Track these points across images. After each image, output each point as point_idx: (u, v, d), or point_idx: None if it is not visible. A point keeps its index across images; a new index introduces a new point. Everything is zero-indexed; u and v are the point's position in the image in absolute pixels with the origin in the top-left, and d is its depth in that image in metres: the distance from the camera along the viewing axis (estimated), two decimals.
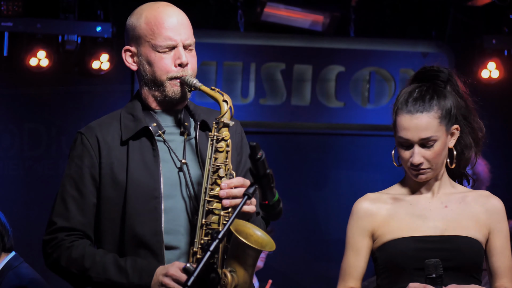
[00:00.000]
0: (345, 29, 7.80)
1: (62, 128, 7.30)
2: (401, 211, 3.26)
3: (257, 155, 2.82)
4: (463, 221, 3.24)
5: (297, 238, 7.64)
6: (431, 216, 3.24)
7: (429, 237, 3.19)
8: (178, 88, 3.15)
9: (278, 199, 2.98)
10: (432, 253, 3.14)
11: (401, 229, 3.22)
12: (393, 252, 3.19)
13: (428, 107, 3.21)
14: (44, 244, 3.14)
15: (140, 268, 3.00)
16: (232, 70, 7.67)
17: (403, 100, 3.23)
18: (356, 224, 3.33)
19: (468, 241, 3.20)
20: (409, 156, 3.19)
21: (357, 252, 3.30)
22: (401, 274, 3.17)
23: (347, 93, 7.86)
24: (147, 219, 3.06)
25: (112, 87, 7.42)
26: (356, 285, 3.29)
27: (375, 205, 3.29)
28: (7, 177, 7.33)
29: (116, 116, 3.22)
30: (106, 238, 3.12)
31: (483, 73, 7.71)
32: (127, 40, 3.23)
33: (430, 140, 3.19)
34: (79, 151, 3.16)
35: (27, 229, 7.10)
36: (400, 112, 3.21)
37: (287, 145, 7.88)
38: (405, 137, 3.19)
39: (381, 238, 3.24)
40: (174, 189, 3.12)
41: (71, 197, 3.13)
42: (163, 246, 3.06)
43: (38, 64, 7.04)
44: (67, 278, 3.13)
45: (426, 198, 3.28)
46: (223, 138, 3.08)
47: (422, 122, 3.19)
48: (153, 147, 3.12)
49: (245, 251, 2.94)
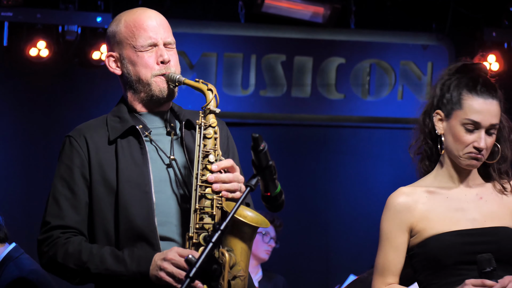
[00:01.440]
0: (345, 21, 7.79)
1: (62, 118, 7.30)
2: (438, 205, 3.23)
3: (259, 147, 2.82)
4: (499, 211, 3.24)
5: (297, 229, 7.64)
6: (469, 209, 3.23)
7: (471, 230, 3.18)
8: (165, 86, 3.18)
9: (280, 190, 2.99)
10: (475, 246, 3.14)
11: (442, 223, 3.19)
12: (436, 247, 3.16)
13: (497, 95, 3.23)
14: (39, 244, 3.16)
15: (138, 256, 3.02)
16: (232, 62, 7.66)
17: (472, 84, 3.23)
18: (394, 219, 3.25)
19: (507, 232, 3.20)
20: (472, 140, 3.17)
21: (396, 248, 3.24)
22: (445, 269, 3.15)
23: (348, 85, 7.86)
24: (140, 212, 3.08)
25: (112, 78, 7.38)
26: (395, 281, 3.25)
27: (412, 199, 3.25)
28: (7, 168, 7.32)
29: (103, 120, 3.25)
30: (99, 236, 3.13)
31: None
32: (109, 46, 3.27)
33: (495, 128, 3.21)
34: (68, 152, 3.19)
35: (27, 221, 7.12)
36: (470, 96, 3.20)
37: (287, 137, 7.88)
38: (476, 120, 3.17)
39: (422, 233, 3.21)
40: (164, 184, 3.14)
41: (63, 197, 3.15)
42: (158, 237, 3.07)
43: (38, 55, 7.04)
44: (64, 275, 3.14)
45: (461, 190, 3.27)
46: (210, 124, 3.11)
47: (494, 108, 3.20)
48: (141, 146, 3.15)
49: (241, 229, 2.97)
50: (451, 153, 3.24)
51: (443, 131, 3.25)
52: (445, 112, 3.25)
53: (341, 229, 7.88)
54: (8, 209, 7.06)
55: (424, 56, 7.93)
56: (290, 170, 7.67)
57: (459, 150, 3.20)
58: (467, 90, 3.23)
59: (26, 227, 7.05)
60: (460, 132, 3.20)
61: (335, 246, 7.88)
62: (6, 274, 4.61)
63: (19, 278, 4.60)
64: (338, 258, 7.73)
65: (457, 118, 3.21)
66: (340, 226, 7.89)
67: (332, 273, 7.71)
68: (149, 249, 3.05)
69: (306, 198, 7.80)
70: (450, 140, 3.23)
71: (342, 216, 7.91)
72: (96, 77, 7.43)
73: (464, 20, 7.88)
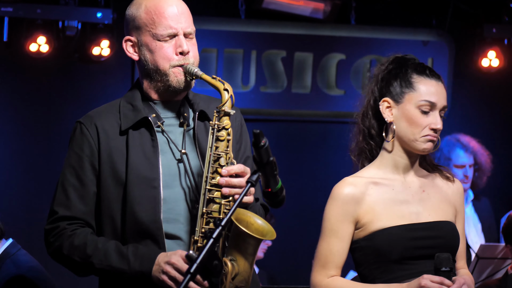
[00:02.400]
0: (346, 17, 7.79)
1: (62, 114, 7.29)
2: (384, 197, 3.18)
3: (260, 143, 2.83)
4: (440, 205, 3.22)
5: (297, 225, 7.65)
6: (413, 202, 3.20)
7: (417, 225, 3.15)
8: (182, 78, 3.14)
9: (281, 186, 2.99)
10: (421, 241, 3.12)
11: (388, 217, 3.15)
12: (383, 241, 3.12)
13: (442, 79, 3.22)
14: (46, 233, 3.14)
15: (142, 255, 3.00)
16: (232, 57, 7.66)
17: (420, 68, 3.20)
18: (339, 210, 3.18)
19: (450, 226, 3.19)
20: (429, 122, 3.14)
21: (341, 240, 3.16)
22: (391, 264, 3.12)
23: (348, 81, 7.86)
24: (147, 207, 3.07)
25: (112, 74, 7.42)
26: (337, 273, 3.18)
27: (359, 190, 3.19)
28: (7, 162, 7.32)
29: (115, 105, 3.21)
30: (106, 227, 3.12)
31: (483, 62, 7.72)
32: (127, 30, 3.22)
33: (445, 110, 3.19)
34: (78, 140, 3.16)
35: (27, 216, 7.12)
36: (421, 78, 3.18)
37: (288, 133, 7.88)
38: (432, 101, 3.15)
39: (368, 226, 3.16)
40: (173, 179, 3.12)
41: (72, 186, 3.13)
42: (163, 234, 3.06)
43: (38, 50, 7.02)
44: (69, 266, 3.14)
45: (406, 182, 3.23)
46: (224, 126, 3.07)
47: (444, 91, 3.20)
48: (152, 138, 3.12)
49: (246, 240, 2.94)
50: (404, 138, 3.18)
51: (393, 118, 3.19)
52: (394, 98, 3.18)
53: None
54: (8, 204, 7.07)
55: (424, 52, 7.93)
56: (290, 166, 7.66)
57: (416, 134, 3.15)
58: (417, 74, 3.18)
59: (25, 222, 7.06)
60: (416, 114, 3.15)
61: None
62: (3, 271, 4.56)
63: (17, 276, 4.57)
64: None
65: (411, 101, 3.16)
66: None
67: None
68: (154, 246, 3.04)
69: (306, 194, 7.80)
70: (403, 126, 3.17)
71: None
72: (96, 73, 7.43)
73: (464, 16, 7.88)
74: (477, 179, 6.53)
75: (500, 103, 8.01)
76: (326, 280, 3.17)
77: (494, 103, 8.08)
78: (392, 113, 3.20)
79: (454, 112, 7.75)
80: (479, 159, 6.54)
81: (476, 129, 7.57)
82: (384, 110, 3.21)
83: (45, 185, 6.86)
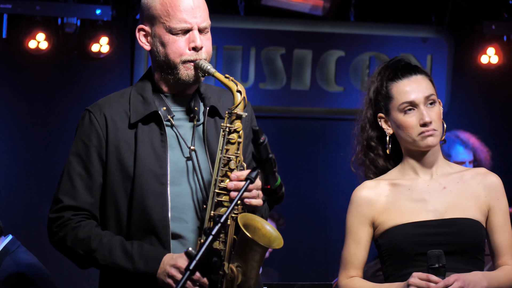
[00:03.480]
0: (345, 14, 7.78)
1: (61, 111, 7.29)
2: (400, 197, 3.26)
3: (259, 139, 2.82)
4: (462, 201, 3.24)
5: (297, 222, 7.64)
6: (431, 200, 3.24)
7: (429, 222, 3.19)
8: (192, 72, 3.10)
9: (280, 183, 2.98)
10: (433, 238, 3.15)
11: (401, 215, 3.21)
12: (395, 239, 3.19)
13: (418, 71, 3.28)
14: (49, 222, 3.10)
15: (147, 255, 2.98)
16: (232, 54, 7.65)
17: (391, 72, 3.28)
18: (355, 213, 3.32)
19: (468, 223, 3.20)
20: (417, 120, 3.21)
21: (358, 241, 3.29)
22: (404, 260, 3.17)
23: (347, 78, 7.85)
24: (155, 204, 3.04)
25: (111, 71, 7.41)
26: (357, 274, 3.28)
27: (374, 192, 3.29)
28: (6, 160, 7.32)
29: (126, 95, 3.17)
30: (111, 220, 3.10)
31: (483, 59, 7.72)
32: (141, 19, 3.17)
33: (431, 98, 3.24)
34: (86, 129, 3.12)
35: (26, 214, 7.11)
36: (394, 82, 3.26)
37: (287, 129, 7.87)
38: (409, 100, 3.22)
39: (382, 225, 3.24)
40: (181, 176, 3.09)
41: (78, 175, 3.09)
42: (169, 233, 3.03)
43: (37, 47, 7.02)
44: (72, 258, 3.10)
45: (424, 181, 3.28)
46: (236, 129, 3.04)
47: (421, 82, 3.25)
48: (162, 132, 3.09)
49: (252, 247, 2.93)
50: (407, 143, 3.26)
51: (392, 130, 3.29)
52: (384, 112, 3.29)
53: (340, 221, 7.82)
54: (8, 201, 7.06)
55: (423, 49, 7.92)
56: (289, 163, 7.66)
57: (412, 135, 3.22)
58: (390, 81, 3.27)
59: (25, 218, 7.05)
60: (402, 118, 3.23)
61: (334, 239, 7.86)
62: (3, 269, 4.54)
63: (16, 273, 4.54)
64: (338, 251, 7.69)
65: (394, 109, 3.25)
66: (339, 219, 7.83)
67: (331, 266, 7.70)
68: (158, 244, 3.01)
69: (305, 191, 7.79)
70: (400, 132, 3.26)
71: (341, 208, 7.85)
72: (95, 70, 7.42)
73: (464, 13, 7.87)
74: None
75: (500, 99, 8.00)
76: (345, 280, 3.30)
77: (494, 99, 8.07)
78: (389, 125, 3.29)
79: (453, 109, 7.75)
80: (479, 155, 6.53)
81: (476, 125, 7.56)
82: (383, 125, 3.31)
83: (44, 182, 6.86)
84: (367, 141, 3.35)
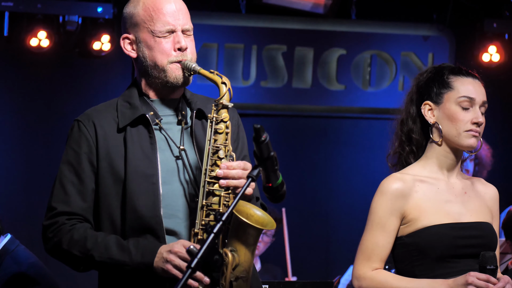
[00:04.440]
0: (346, 12, 7.79)
1: (62, 109, 7.30)
2: (430, 195, 3.24)
3: (261, 138, 2.82)
4: (480, 207, 3.28)
5: (298, 220, 7.65)
6: (456, 202, 3.26)
7: (462, 224, 3.20)
8: (180, 73, 3.14)
9: (281, 181, 2.98)
10: (467, 240, 3.17)
11: (434, 215, 3.20)
12: (430, 239, 3.16)
13: (480, 79, 3.31)
14: (44, 229, 3.13)
15: (143, 247, 3.00)
16: (233, 52, 7.66)
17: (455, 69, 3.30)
18: (387, 204, 3.22)
19: (489, 227, 3.26)
20: (470, 117, 3.22)
21: (388, 233, 3.21)
22: (438, 261, 3.16)
23: (348, 76, 7.86)
24: (147, 202, 3.06)
25: (113, 68, 7.42)
26: (381, 266, 3.22)
27: (407, 186, 3.24)
28: (7, 158, 7.32)
29: (113, 104, 3.21)
30: (105, 224, 3.11)
31: (484, 57, 7.72)
32: (124, 28, 3.22)
33: (486, 106, 3.27)
34: (76, 137, 3.15)
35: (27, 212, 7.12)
36: (458, 77, 3.27)
37: (288, 127, 7.88)
38: (471, 96, 3.23)
39: (414, 223, 3.20)
40: (172, 175, 3.11)
41: (70, 182, 3.12)
42: (164, 229, 3.05)
43: (39, 45, 7.03)
44: (68, 261, 3.12)
45: (449, 183, 3.29)
46: (222, 119, 3.07)
47: (482, 87, 3.28)
48: (150, 135, 3.12)
49: (246, 230, 2.93)
50: (449, 136, 3.25)
51: (436, 119, 3.28)
52: (434, 100, 3.28)
53: (341, 219, 7.88)
54: (8, 200, 7.07)
55: (425, 47, 7.93)
56: (290, 161, 7.67)
57: (459, 129, 3.23)
58: (453, 74, 3.29)
59: (26, 217, 7.06)
60: (457, 111, 3.23)
61: (335, 237, 7.88)
62: (3, 269, 4.52)
63: (18, 274, 4.53)
64: (339, 249, 7.74)
65: (451, 100, 3.25)
66: (340, 216, 7.90)
67: (332, 264, 7.72)
68: (155, 240, 3.03)
69: (306, 189, 7.80)
70: (446, 124, 3.26)
71: (342, 206, 7.92)
72: (96, 68, 7.42)
73: (465, 11, 7.88)
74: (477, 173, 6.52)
75: (501, 97, 8.00)
76: (370, 272, 3.21)
77: (494, 97, 8.04)
78: (433, 114, 3.28)
79: None
80: (480, 153, 6.54)
81: None
82: (426, 113, 3.29)
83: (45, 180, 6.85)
84: (407, 134, 3.32)
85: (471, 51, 7.81)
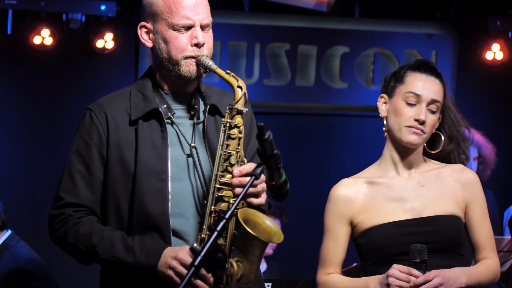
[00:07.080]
0: (350, 10, 7.78)
1: (65, 106, 7.30)
2: (378, 195, 3.26)
3: (264, 136, 2.81)
4: (440, 199, 3.25)
5: (301, 218, 7.65)
6: (409, 198, 3.25)
7: (409, 221, 3.20)
8: (194, 68, 3.09)
9: (285, 179, 2.97)
10: (413, 236, 3.16)
11: (380, 214, 3.22)
12: (375, 238, 3.20)
13: (440, 77, 3.30)
14: (50, 219, 3.10)
15: (148, 248, 2.98)
16: (236, 50, 7.65)
17: (415, 65, 3.29)
18: (334, 211, 3.31)
19: (448, 219, 3.21)
20: (414, 113, 3.21)
21: (336, 239, 3.28)
22: (386, 260, 3.17)
23: (352, 74, 7.85)
24: (155, 200, 3.04)
25: (116, 66, 7.42)
26: (336, 271, 3.29)
27: (352, 190, 3.30)
28: (11, 154, 7.33)
29: (126, 94, 3.17)
30: (112, 217, 3.09)
31: (487, 55, 7.71)
32: (143, 16, 3.18)
33: (435, 105, 3.25)
34: (87, 127, 3.12)
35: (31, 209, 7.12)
36: (413, 73, 3.27)
37: (291, 125, 7.88)
38: (418, 92, 3.23)
39: (361, 225, 3.24)
40: (182, 172, 3.09)
41: (79, 173, 3.10)
42: (170, 228, 3.03)
43: (42, 43, 7.03)
44: (73, 254, 3.11)
45: (402, 179, 3.28)
46: (236, 125, 3.03)
47: (436, 86, 3.27)
48: (162, 129, 3.09)
49: (252, 242, 2.91)
50: (392, 130, 3.26)
51: (386, 113, 3.30)
52: (388, 93, 3.31)
53: None
54: (12, 196, 7.07)
55: (428, 45, 7.92)
56: (294, 159, 7.66)
57: (400, 124, 3.23)
58: (411, 70, 3.30)
59: (29, 213, 7.07)
60: (401, 106, 3.24)
61: None
62: (2, 264, 4.52)
63: (16, 269, 4.52)
64: None
65: (399, 94, 3.26)
66: None
67: None
68: (160, 240, 3.02)
69: (309, 187, 7.79)
70: (391, 118, 3.27)
71: None
72: (99, 65, 7.42)
73: (468, 9, 7.87)
74: (481, 172, 6.51)
75: (504, 96, 8.00)
76: (323, 277, 3.30)
77: (498, 96, 8.07)
78: (385, 108, 3.31)
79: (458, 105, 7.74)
80: (483, 152, 6.53)
81: (480, 122, 7.56)
82: (380, 106, 3.33)
83: (48, 177, 6.86)
84: None
85: (475, 49, 7.81)
